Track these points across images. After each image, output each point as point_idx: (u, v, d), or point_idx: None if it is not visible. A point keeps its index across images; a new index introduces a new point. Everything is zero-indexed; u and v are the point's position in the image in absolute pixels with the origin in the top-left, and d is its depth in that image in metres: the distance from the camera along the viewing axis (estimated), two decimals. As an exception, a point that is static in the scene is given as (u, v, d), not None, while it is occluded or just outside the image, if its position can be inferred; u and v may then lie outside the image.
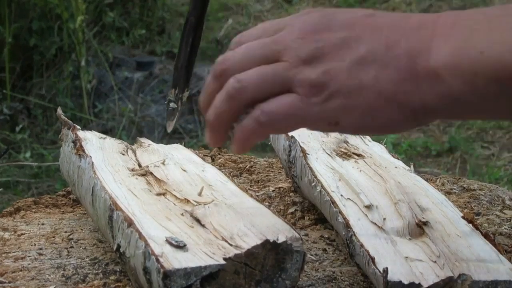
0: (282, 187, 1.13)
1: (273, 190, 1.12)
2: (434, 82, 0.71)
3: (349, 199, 0.94)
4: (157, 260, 0.72)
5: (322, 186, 0.97)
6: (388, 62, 0.72)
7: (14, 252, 0.92)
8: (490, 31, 0.70)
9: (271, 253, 0.73)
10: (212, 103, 0.77)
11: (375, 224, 0.88)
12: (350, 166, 1.03)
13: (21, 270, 0.87)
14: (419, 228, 0.88)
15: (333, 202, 0.94)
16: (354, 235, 0.86)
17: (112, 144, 1.03)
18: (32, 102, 4.19)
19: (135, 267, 0.76)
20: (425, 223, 0.88)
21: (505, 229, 1.01)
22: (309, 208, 1.06)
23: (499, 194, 1.12)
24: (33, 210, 1.08)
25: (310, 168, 1.01)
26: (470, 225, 0.89)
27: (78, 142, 0.99)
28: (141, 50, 4.78)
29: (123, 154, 1.01)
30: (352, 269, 0.88)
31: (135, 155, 1.02)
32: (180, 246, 0.74)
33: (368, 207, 0.92)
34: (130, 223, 0.78)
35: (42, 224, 1.01)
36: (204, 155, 1.22)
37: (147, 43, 4.85)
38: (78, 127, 1.06)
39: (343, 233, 0.89)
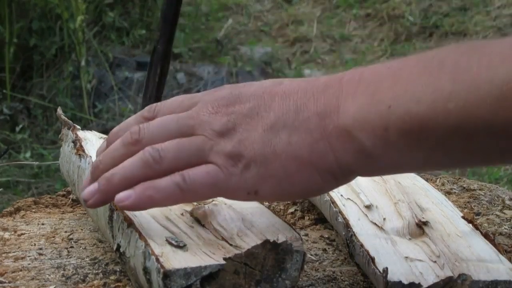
0: (282, 187, 1.13)
1: (273, 190, 1.12)
2: (346, 140, 0.71)
3: (349, 199, 0.94)
4: (157, 260, 0.72)
5: (322, 186, 0.97)
6: (299, 126, 0.73)
7: (14, 252, 0.92)
8: (394, 84, 0.70)
9: (271, 253, 0.73)
10: (117, 166, 0.76)
11: (375, 224, 0.88)
12: None
13: (21, 270, 0.87)
14: (419, 228, 0.88)
15: (333, 202, 0.94)
16: (354, 235, 0.86)
17: None
18: (32, 102, 4.19)
19: (135, 267, 0.76)
20: (425, 223, 0.88)
21: (505, 229, 1.01)
22: (309, 208, 1.06)
23: (499, 194, 1.12)
24: (33, 210, 1.08)
25: None
26: (470, 225, 0.89)
27: (78, 142, 0.99)
28: (141, 50, 4.78)
29: None
30: (352, 269, 0.88)
31: None
32: (180, 246, 0.74)
33: (368, 207, 0.92)
34: (130, 223, 0.78)
35: (42, 224, 1.01)
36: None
37: (147, 43, 4.85)
38: (78, 127, 1.05)
39: (343, 233, 0.89)
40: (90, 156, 0.95)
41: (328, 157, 0.72)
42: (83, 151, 0.97)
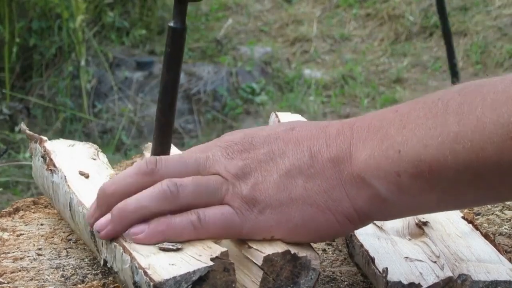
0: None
1: (272, 190, 1.12)
2: (361, 186, 0.73)
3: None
4: (145, 273, 0.71)
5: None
6: (315, 172, 0.74)
7: (13, 253, 0.92)
8: (403, 128, 0.72)
9: (289, 264, 0.73)
10: (134, 195, 0.75)
11: (375, 224, 0.88)
12: None
13: (20, 271, 0.87)
14: (419, 228, 0.87)
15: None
16: (354, 235, 0.85)
17: (82, 151, 1.01)
18: (31, 102, 4.19)
19: (125, 280, 0.75)
20: (425, 223, 0.88)
21: (505, 229, 1.01)
22: (309, 208, 1.06)
23: (499, 194, 1.12)
24: (32, 210, 1.08)
25: None
26: (470, 225, 0.88)
27: (48, 156, 0.97)
28: (141, 50, 4.79)
29: (94, 159, 0.99)
30: (352, 269, 0.88)
31: (106, 159, 1.00)
32: (176, 249, 0.74)
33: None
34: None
35: (41, 225, 1.01)
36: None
37: (147, 43, 4.85)
38: (45, 138, 1.03)
39: (343, 233, 0.89)
40: (62, 170, 0.93)
41: (344, 202, 0.73)
42: (54, 165, 0.95)
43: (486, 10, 5.15)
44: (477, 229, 0.88)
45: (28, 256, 0.91)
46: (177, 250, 0.74)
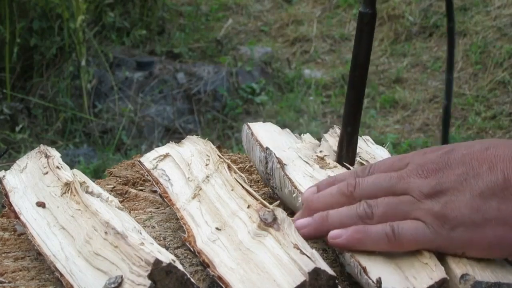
0: (280, 188, 1.13)
1: (271, 191, 1.12)
2: None
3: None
4: None
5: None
6: (508, 195, 0.77)
7: (14, 252, 0.92)
8: None
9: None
10: (335, 210, 0.85)
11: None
12: (330, 172, 1.00)
13: (21, 270, 0.87)
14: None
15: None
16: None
17: (33, 168, 1.00)
18: (32, 101, 4.19)
19: None
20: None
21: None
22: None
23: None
24: (33, 211, 1.08)
25: (289, 179, 0.98)
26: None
27: (7, 199, 0.95)
28: (141, 50, 4.79)
29: (46, 173, 0.98)
30: (349, 270, 0.89)
31: (53, 164, 0.99)
32: (118, 284, 0.74)
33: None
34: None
35: (42, 225, 1.01)
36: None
37: (147, 43, 4.86)
38: (2, 174, 1.02)
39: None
40: (23, 222, 0.91)
41: None
42: (16, 215, 0.93)
43: (486, 10, 5.15)
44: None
45: (28, 256, 0.91)
46: (119, 285, 0.73)
